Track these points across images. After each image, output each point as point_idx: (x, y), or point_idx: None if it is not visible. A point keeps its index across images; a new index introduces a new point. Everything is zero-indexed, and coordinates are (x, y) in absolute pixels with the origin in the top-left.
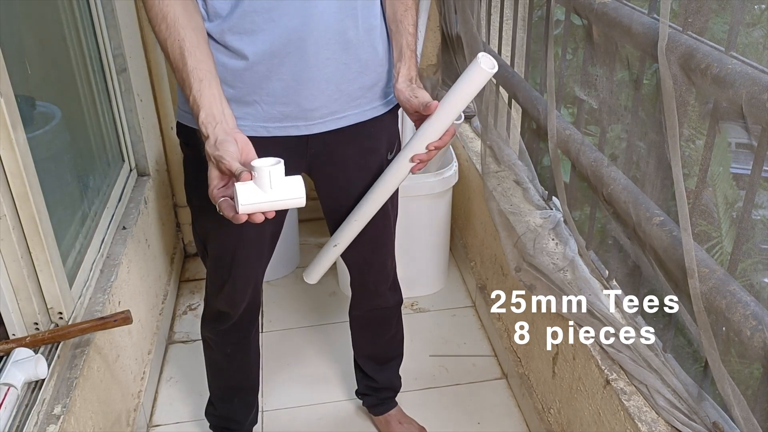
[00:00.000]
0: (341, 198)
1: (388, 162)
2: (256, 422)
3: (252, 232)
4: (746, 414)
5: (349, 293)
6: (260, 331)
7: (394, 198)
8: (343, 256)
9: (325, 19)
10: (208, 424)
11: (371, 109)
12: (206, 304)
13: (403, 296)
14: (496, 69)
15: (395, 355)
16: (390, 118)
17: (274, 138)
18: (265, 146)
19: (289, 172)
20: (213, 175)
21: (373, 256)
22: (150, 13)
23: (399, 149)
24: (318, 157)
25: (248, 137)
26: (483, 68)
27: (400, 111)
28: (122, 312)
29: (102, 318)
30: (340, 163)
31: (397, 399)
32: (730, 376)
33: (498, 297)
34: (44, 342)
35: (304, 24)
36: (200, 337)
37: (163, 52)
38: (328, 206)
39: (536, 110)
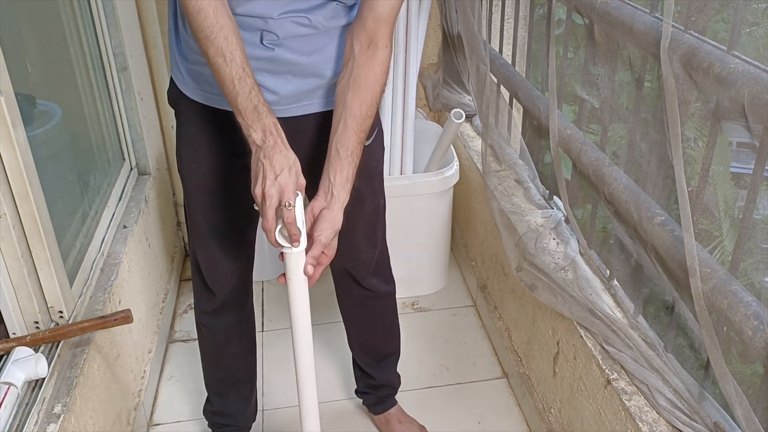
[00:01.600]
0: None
1: (366, 147)
2: (254, 419)
3: (225, 201)
4: (748, 414)
5: None
6: (261, 330)
7: (372, 185)
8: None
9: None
10: (207, 422)
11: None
12: (193, 285)
13: (404, 296)
14: None
15: (391, 351)
16: None
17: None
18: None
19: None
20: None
21: (341, 241)
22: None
23: (380, 134)
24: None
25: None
26: None
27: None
28: (122, 311)
29: (102, 317)
30: (305, 146)
31: (397, 398)
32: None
33: (499, 297)
34: (44, 341)
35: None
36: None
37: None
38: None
39: (537, 109)
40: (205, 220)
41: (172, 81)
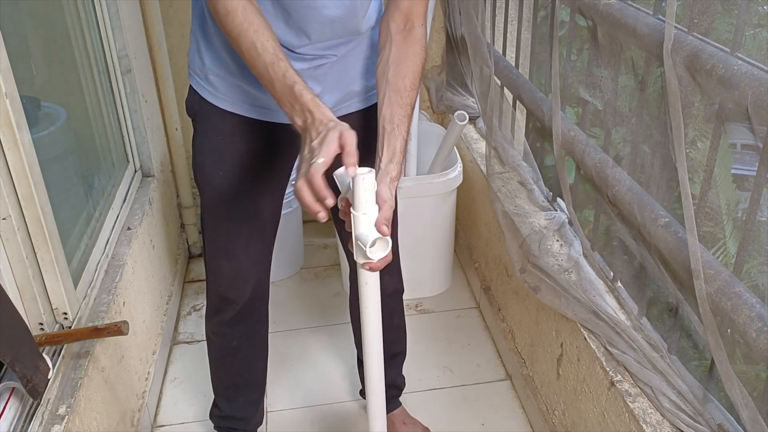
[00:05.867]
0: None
1: None
2: (261, 423)
3: (250, 208)
4: (754, 416)
5: None
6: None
7: None
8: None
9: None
10: (213, 425)
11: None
12: (209, 295)
13: (408, 297)
14: None
15: (398, 351)
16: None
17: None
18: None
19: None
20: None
21: None
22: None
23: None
24: None
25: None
26: None
27: None
28: (115, 324)
29: (96, 328)
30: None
31: (401, 399)
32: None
33: (502, 298)
34: (48, 343)
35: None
36: (204, 337)
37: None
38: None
39: (541, 111)
40: (235, 227)
41: (192, 90)
